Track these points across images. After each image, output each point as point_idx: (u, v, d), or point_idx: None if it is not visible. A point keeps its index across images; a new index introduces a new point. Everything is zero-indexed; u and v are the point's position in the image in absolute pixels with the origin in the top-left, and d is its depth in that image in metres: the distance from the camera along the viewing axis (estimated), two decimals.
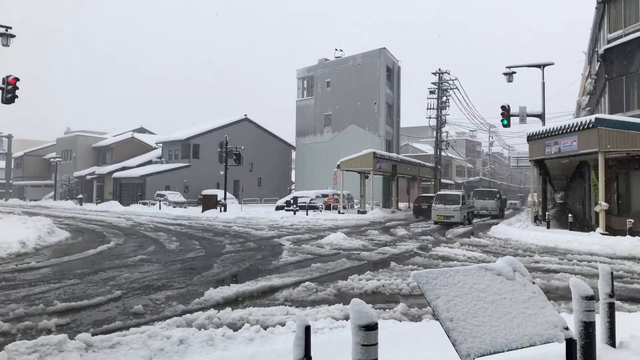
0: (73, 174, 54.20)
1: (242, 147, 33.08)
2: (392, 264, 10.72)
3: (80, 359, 4.33)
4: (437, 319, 6.16)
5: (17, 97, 18.45)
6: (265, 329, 5.41)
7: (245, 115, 52.02)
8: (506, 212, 39.55)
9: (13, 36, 19.15)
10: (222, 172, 33.35)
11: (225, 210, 30.62)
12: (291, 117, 52.63)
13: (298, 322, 3.17)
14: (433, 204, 24.66)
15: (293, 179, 55.15)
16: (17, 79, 18.37)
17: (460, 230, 21.33)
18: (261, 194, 49.61)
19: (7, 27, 19.07)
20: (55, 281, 8.79)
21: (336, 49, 50.09)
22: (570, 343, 3.56)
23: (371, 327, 2.97)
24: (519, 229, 18.85)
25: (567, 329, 3.58)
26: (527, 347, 3.33)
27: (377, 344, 2.99)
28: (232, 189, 44.94)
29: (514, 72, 26.55)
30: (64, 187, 53.90)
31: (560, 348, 3.59)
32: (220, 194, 34.92)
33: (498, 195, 34.89)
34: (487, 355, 3.15)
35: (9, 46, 19.15)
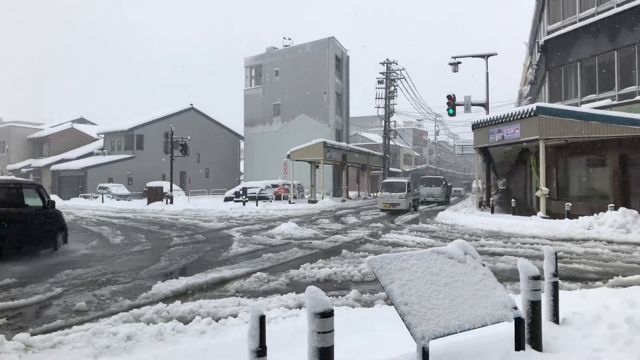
0: (6, 167, 51.30)
1: (189, 138, 32.31)
2: (344, 251, 10.76)
3: None
4: (391, 304, 6.22)
5: None
6: (217, 320, 5.28)
7: (192, 104, 50.81)
8: (451, 199, 40.25)
9: None
10: (168, 164, 32.47)
11: (171, 202, 29.85)
12: (239, 107, 51.91)
13: (252, 312, 3.08)
14: (379, 192, 25.08)
15: (242, 169, 54.53)
16: None
17: (409, 217, 21.75)
18: (209, 186, 48.76)
19: None
20: None
21: (284, 38, 49.83)
22: (519, 322, 3.66)
23: (327, 315, 2.93)
24: (465, 215, 19.42)
25: (515, 308, 3.67)
26: (479, 327, 3.38)
27: (333, 330, 2.95)
28: (179, 180, 43.89)
29: (459, 62, 27.24)
30: None
31: (510, 327, 3.68)
32: (166, 185, 34.02)
33: (444, 183, 35.47)
34: (441, 337, 3.18)
35: None
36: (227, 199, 33.52)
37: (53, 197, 16.51)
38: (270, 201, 31.82)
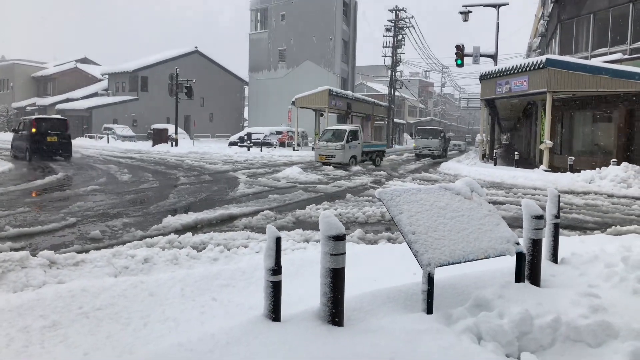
0: (11, 105, 51.12)
1: (194, 80, 32.04)
2: (348, 195, 10.97)
3: (44, 275, 4.29)
4: (394, 242, 6.43)
5: None
6: (228, 250, 5.51)
7: (196, 47, 49.95)
8: (449, 153, 37.89)
9: None
10: (172, 106, 32.36)
11: (176, 145, 29.97)
12: (244, 52, 51.05)
13: (269, 234, 3.24)
14: (316, 141, 21.80)
15: (246, 115, 54.25)
16: None
17: (412, 166, 21.90)
18: (213, 130, 48.69)
19: None
20: (3, 209, 8.49)
21: None
22: (520, 256, 3.84)
23: (340, 238, 3.09)
24: (467, 166, 19.56)
25: (518, 243, 3.85)
26: (482, 259, 3.56)
27: (344, 253, 3.12)
28: (183, 124, 43.82)
29: (470, 12, 26.60)
30: (1, 118, 50.88)
31: (512, 262, 3.87)
32: (171, 128, 34.02)
33: (442, 135, 32.93)
34: (446, 265, 3.36)
35: None
36: (231, 144, 33.61)
37: None
38: (275, 147, 31.92)
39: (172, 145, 29.80)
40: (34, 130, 19.09)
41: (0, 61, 59.45)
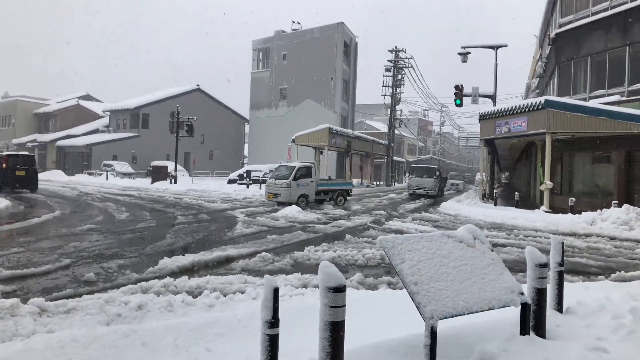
0: (12, 141, 51.39)
1: (195, 118, 32.30)
2: (347, 236, 10.85)
3: (34, 324, 4.15)
4: (395, 288, 6.29)
5: None
6: (225, 295, 5.37)
7: (198, 85, 50.68)
8: (446, 193, 36.15)
9: None
10: (172, 144, 32.52)
11: (175, 182, 29.94)
12: (245, 90, 51.72)
13: (267, 284, 3.14)
14: (268, 178, 20.44)
15: (246, 152, 54.50)
16: None
17: (411, 205, 21.80)
18: (213, 167, 48.82)
19: None
20: None
21: (293, 22, 49.34)
22: (525, 307, 3.73)
23: (340, 289, 2.99)
24: (468, 206, 19.48)
25: (522, 294, 3.74)
26: (486, 310, 3.45)
27: (344, 305, 3.02)
28: (183, 161, 43.94)
29: (469, 53, 27.08)
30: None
31: (516, 312, 3.75)
32: (170, 165, 34.07)
33: (437, 174, 30.03)
34: (449, 317, 3.24)
35: None
36: (230, 181, 33.58)
37: (58, 172, 18.76)
38: None
39: (171, 183, 29.76)
40: (4, 165, 21.15)
41: (3, 98, 60.14)
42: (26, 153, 24.26)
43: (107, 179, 34.28)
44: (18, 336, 4.06)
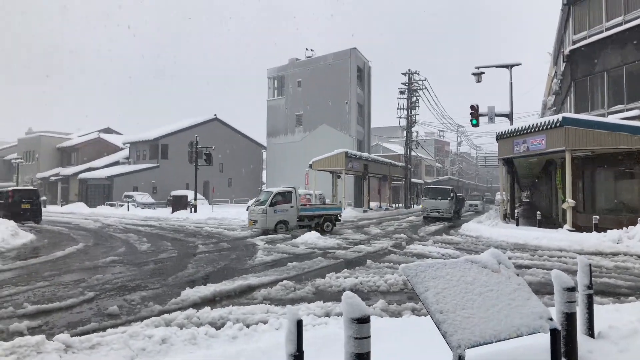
0: (36, 176, 52.51)
1: (213, 147, 32.70)
2: (368, 262, 10.76)
3: None
4: (419, 315, 6.20)
5: None
6: (247, 327, 5.34)
7: (215, 115, 51.45)
8: (464, 215, 34.49)
9: None
10: (191, 173, 32.90)
11: (195, 211, 30.17)
12: (262, 117, 52.33)
13: (289, 317, 3.13)
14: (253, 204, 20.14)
15: (264, 179, 54.83)
16: None
17: (432, 228, 21.59)
18: (232, 195, 49.16)
19: None
20: (22, 284, 8.47)
21: (307, 49, 50.05)
22: (554, 333, 3.63)
23: (364, 320, 2.96)
24: (489, 227, 19.21)
25: (551, 319, 3.65)
26: (514, 337, 3.37)
27: (369, 336, 2.98)
28: (202, 189, 44.37)
29: (483, 73, 27.08)
30: None
31: (545, 338, 3.65)
32: (190, 194, 34.40)
33: (452, 195, 28.18)
34: (477, 346, 3.17)
35: None
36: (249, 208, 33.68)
37: (81, 204, 19.10)
38: None
39: (191, 212, 30.00)
40: (10, 199, 23.06)
41: (27, 133, 61.77)
42: (31, 187, 26.75)
43: (128, 209, 34.71)
44: None
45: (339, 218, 20.99)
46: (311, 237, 15.09)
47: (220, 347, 4.69)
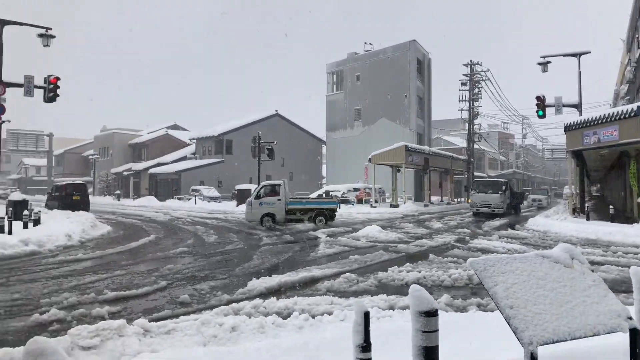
0: (110, 171, 55.54)
1: (275, 142, 33.28)
2: (431, 256, 10.64)
3: (138, 344, 4.45)
4: (486, 310, 6.09)
5: (58, 96, 18.96)
6: (313, 317, 5.45)
7: (276, 110, 52.30)
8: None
9: (53, 37, 19.66)
10: (254, 167, 33.68)
11: None
12: (321, 112, 52.68)
13: (357, 309, 3.18)
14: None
15: (324, 173, 55.23)
16: (58, 78, 18.88)
17: (497, 222, 20.97)
18: (292, 189, 49.58)
19: (47, 28, 19.59)
20: (102, 272, 9.06)
21: (365, 43, 49.83)
22: (634, 333, 3.48)
23: (431, 314, 2.98)
24: (557, 221, 18.44)
25: (630, 318, 3.49)
26: (590, 336, 3.26)
27: (437, 330, 2.99)
28: None
29: (549, 62, 25.88)
30: (102, 183, 55.30)
31: (623, 338, 3.50)
32: (253, 188, 35.22)
33: (503, 188, 25.83)
34: (550, 343, 3.10)
35: (49, 46, 19.69)
36: None
37: (151, 197, 19.95)
38: (352, 205, 31.97)
39: None
40: (63, 192, 26.48)
41: (102, 131, 65.46)
42: (80, 182, 29.64)
43: (195, 203, 36.07)
44: (125, 355, 4.37)
45: (334, 213, 20.04)
46: (372, 231, 15.09)
47: (288, 336, 4.83)
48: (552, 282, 3.54)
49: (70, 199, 25.92)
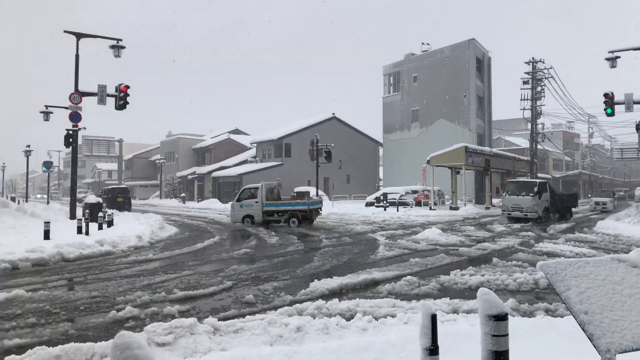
0: (176, 174, 57.79)
1: (332, 145, 33.51)
2: (494, 259, 10.38)
3: (209, 342, 4.65)
4: (555, 315, 5.91)
5: (128, 103, 20.01)
6: (376, 319, 5.48)
7: (333, 113, 52.56)
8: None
9: (123, 47, 20.75)
10: (312, 170, 34.04)
11: None
12: (377, 114, 52.46)
13: (424, 311, 3.20)
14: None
15: (381, 175, 54.94)
16: (127, 87, 19.93)
17: (563, 226, 20.12)
18: (350, 191, 49.87)
19: (118, 40, 20.71)
20: (171, 272, 9.48)
21: (423, 43, 49.14)
22: None
23: (501, 317, 2.95)
24: (629, 225, 17.50)
25: None
26: None
27: (507, 334, 2.96)
28: (323, 186, 45.60)
29: (618, 57, 24.55)
30: (168, 186, 57.64)
31: None
32: (312, 190, 35.58)
33: (536, 189, 22.50)
34: (629, 352, 2.98)
35: (120, 57, 20.80)
36: (368, 204, 34.04)
37: (214, 200, 20.70)
38: (411, 207, 31.63)
39: None
40: (110, 195, 31.74)
41: (167, 136, 68.23)
42: (123, 186, 35.86)
43: None
44: (197, 352, 4.57)
45: (311, 215, 20.27)
46: (432, 234, 14.91)
47: (351, 337, 4.88)
48: (629, 288, 3.40)
49: (116, 200, 30.53)
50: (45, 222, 13.31)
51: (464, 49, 43.90)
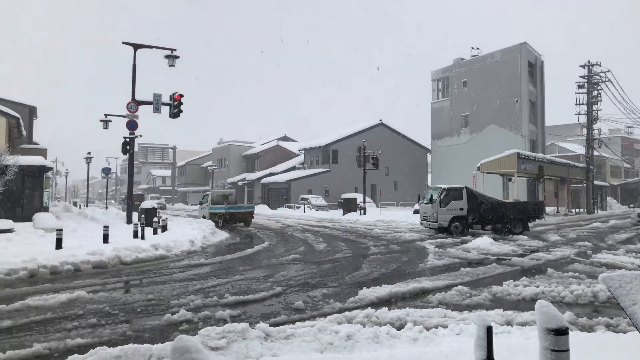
0: (227, 180, 59.14)
1: (379, 152, 33.36)
2: (549, 270, 10.04)
3: (261, 347, 4.74)
4: (619, 331, 5.67)
5: (182, 111, 20.68)
6: (427, 329, 5.42)
7: (381, 120, 52.34)
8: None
9: (177, 57, 21.49)
10: (360, 176, 33.99)
11: (365, 213, 31.10)
12: (426, 120, 51.78)
13: (479, 323, 3.16)
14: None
15: (429, 182, 54.14)
16: (181, 95, 20.60)
17: (623, 236, 19.18)
18: (397, 198, 49.43)
19: (172, 50, 21.46)
20: (222, 276, 9.70)
21: (472, 47, 48.16)
22: None
23: (561, 332, 2.88)
24: None
25: None
26: None
27: (568, 350, 2.88)
28: (370, 192, 45.43)
29: None
30: None
31: None
32: (359, 197, 35.53)
33: (441, 196, 19.44)
34: None
35: (174, 66, 21.54)
36: (416, 212, 33.51)
37: (263, 206, 21.28)
38: None
39: (360, 214, 31.00)
40: (137, 202, 29.96)
41: (219, 143, 69.96)
42: (140, 192, 35.64)
43: (304, 211, 37.24)
44: (249, 358, 4.67)
45: (252, 216, 25.03)
46: (483, 243, 14.56)
47: (402, 347, 4.86)
48: None
49: (134, 205, 32.09)
50: (104, 227, 13.92)
51: (516, 53, 42.74)
